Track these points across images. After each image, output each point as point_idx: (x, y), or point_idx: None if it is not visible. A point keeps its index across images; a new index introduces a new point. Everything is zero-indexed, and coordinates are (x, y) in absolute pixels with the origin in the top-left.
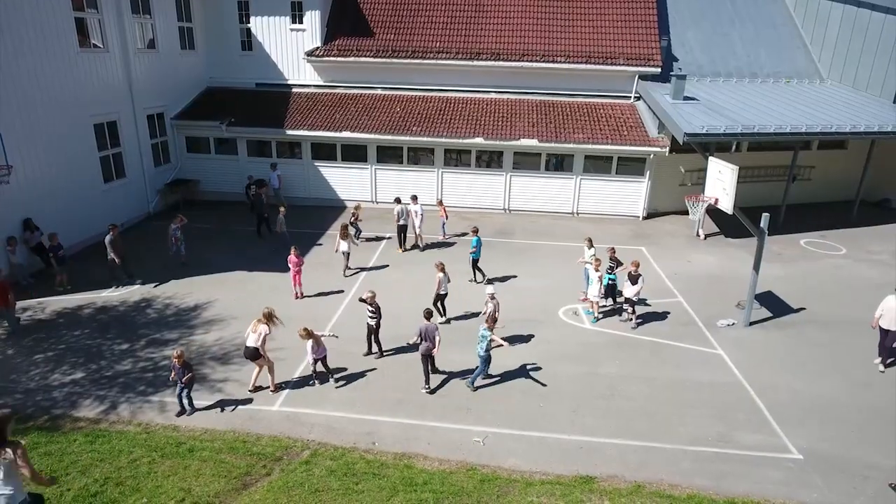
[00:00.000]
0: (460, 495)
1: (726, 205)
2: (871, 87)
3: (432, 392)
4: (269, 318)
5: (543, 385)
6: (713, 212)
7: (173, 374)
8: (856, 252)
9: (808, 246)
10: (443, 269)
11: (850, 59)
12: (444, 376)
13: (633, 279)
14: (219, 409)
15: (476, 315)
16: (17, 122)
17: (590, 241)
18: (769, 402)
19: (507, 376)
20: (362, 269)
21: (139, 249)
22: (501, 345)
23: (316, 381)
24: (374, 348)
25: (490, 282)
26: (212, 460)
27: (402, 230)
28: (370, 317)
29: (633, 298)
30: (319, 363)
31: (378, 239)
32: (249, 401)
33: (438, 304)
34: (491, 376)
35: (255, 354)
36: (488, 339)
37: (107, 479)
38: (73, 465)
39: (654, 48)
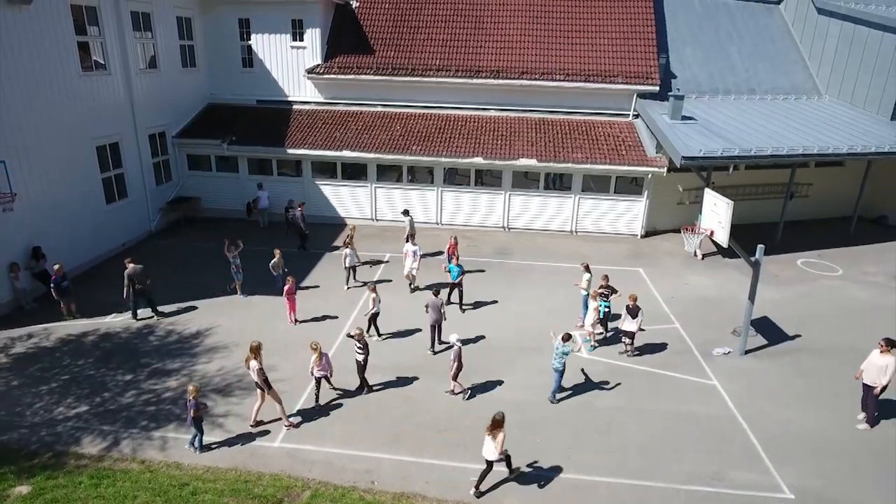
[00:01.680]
0: None
1: (721, 237)
2: (869, 103)
3: (435, 353)
4: (256, 351)
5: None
6: None
7: (191, 411)
8: (852, 273)
9: (805, 266)
10: (374, 290)
11: (848, 75)
12: (458, 404)
13: (633, 313)
14: (222, 446)
15: (476, 340)
16: (20, 150)
17: (586, 266)
18: (762, 436)
19: (505, 409)
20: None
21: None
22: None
23: (318, 403)
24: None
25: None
26: (216, 503)
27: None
28: (358, 351)
29: (634, 331)
30: (324, 381)
31: (377, 262)
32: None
33: (372, 323)
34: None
35: (259, 387)
36: (568, 352)
37: None
38: None
39: (652, 66)
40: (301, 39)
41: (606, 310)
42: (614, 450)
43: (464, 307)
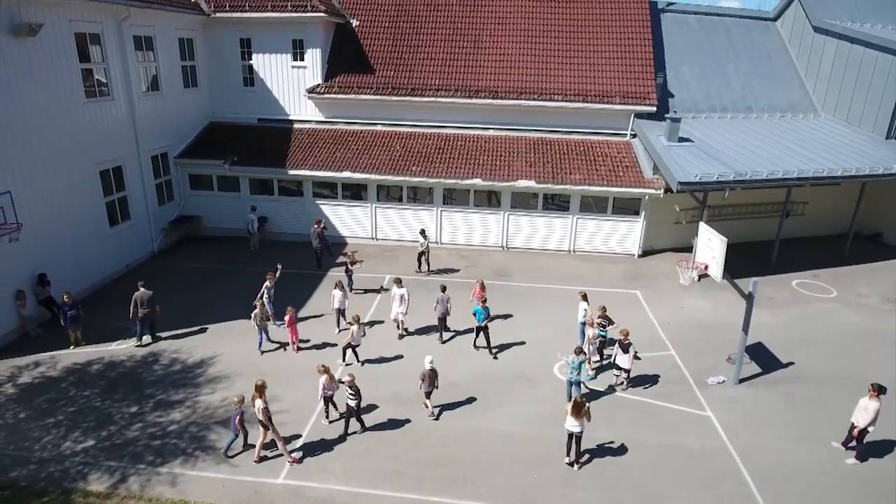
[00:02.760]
0: None
1: (715, 273)
2: (865, 122)
3: (443, 342)
4: (261, 390)
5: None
6: None
7: (236, 418)
8: (846, 294)
9: (800, 288)
10: (357, 322)
11: (844, 93)
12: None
13: (625, 348)
14: (221, 485)
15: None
16: (25, 178)
17: (584, 295)
18: (755, 471)
19: (503, 443)
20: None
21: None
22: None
23: (327, 419)
24: (356, 427)
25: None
26: None
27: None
28: (350, 398)
29: (627, 367)
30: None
31: (377, 290)
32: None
33: (350, 350)
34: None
35: (263, 425)
36: (582, 363)
37: None
38: None
39: (649, 87)
40: (302, 59)
41: (602, 339)
42: (609, 485)
43: (493, 352)
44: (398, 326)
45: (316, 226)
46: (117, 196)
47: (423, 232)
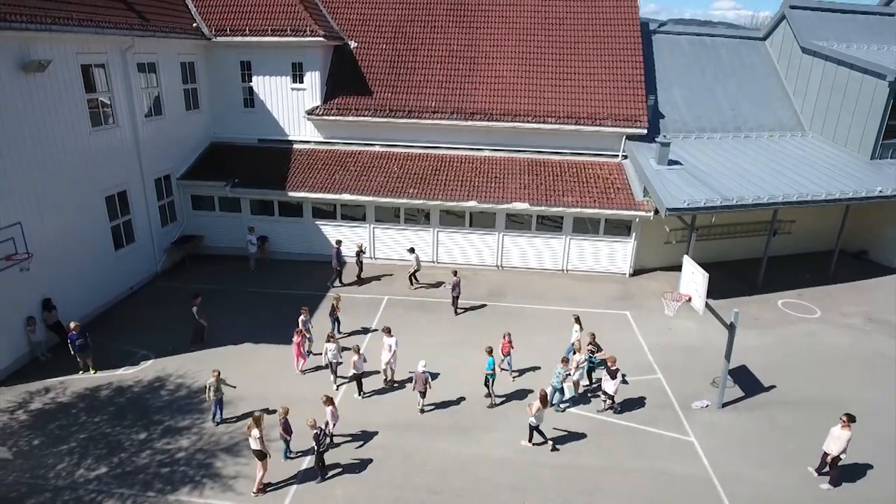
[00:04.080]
0: None
1: (698, 305)
2: (850, 142)
3: (457, 314)
4: (258, 422)
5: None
6: None
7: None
8: (829, 314)
9: (785, 308)
10: (358, 352)
11: (831, 113)
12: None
13: (612, 374)
14: None
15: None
16: (34, 208)
17: (577, 318)
18: (733, 495)
19: (496, 469)
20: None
21: (149, 315)
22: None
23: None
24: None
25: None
26: None
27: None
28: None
29: (612, 393)
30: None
31: (364, 331)
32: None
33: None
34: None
35: (260, 455)
36: (564, 372)
37: None
38: None
39: (640, 110)
40: (301, 81)
41: (591, 365)
42: None
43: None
44: (385, 375)
45: (337, 246)
46: (122, 220)
47: (412, 250)
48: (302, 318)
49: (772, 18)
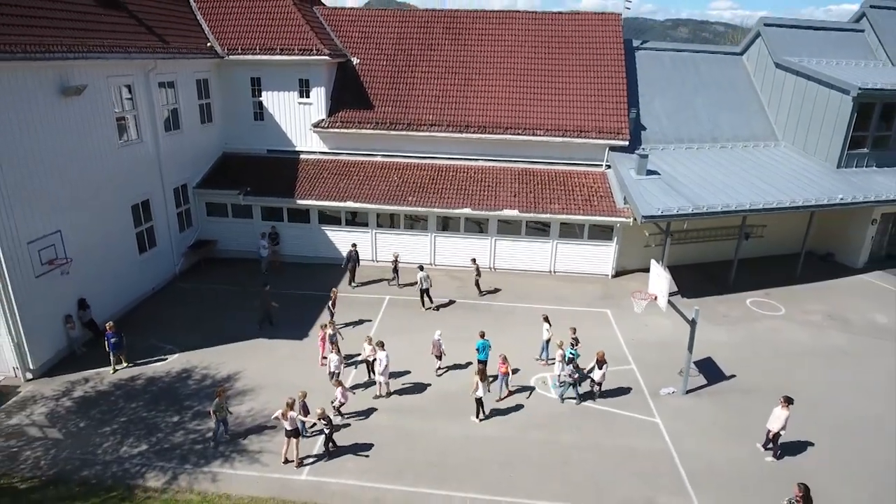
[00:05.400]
0: None
1: (661, 304)
2: (819, 152)
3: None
4: (291, 406)
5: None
6: (671, 270)
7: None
8: (793, 312)
9: (752, 306)
10: (369, 341)
11: (802, 125)
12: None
13: (600, 365)
14: (256, 476)
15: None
16: (71, 218)
17: (546, 317)
18: (689, 468)
19: (487, 447)
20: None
21: (170, 313)
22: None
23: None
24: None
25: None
26: None
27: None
28: (324, 428)
29: (598, 380)
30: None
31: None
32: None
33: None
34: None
35: (293, 433)
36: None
37: None
38: None
39: (622, 123)
40: (307, 96)
41: (572, 357)
42: (570, 479)
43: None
44: (379, 389)
45: (352, 248)
46: (145, 226)
47: (421, 267)
48: (329, 331)
49: (749, 35)
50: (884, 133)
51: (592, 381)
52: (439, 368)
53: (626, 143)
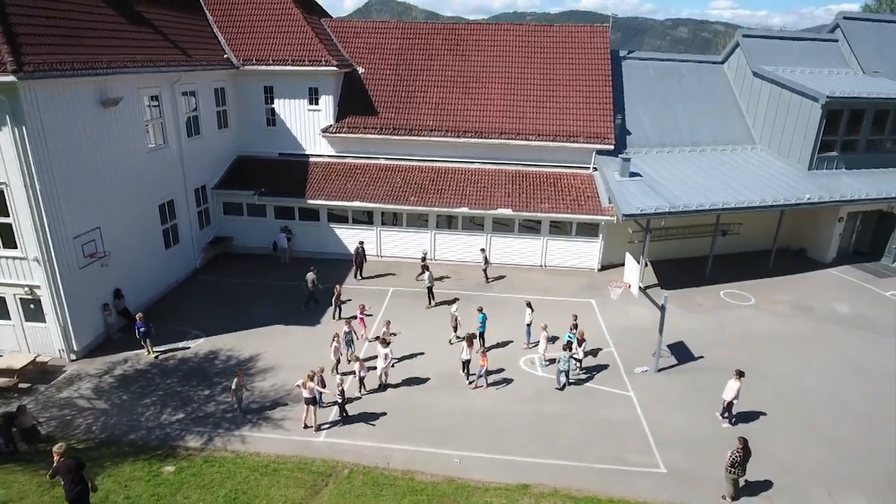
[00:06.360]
0: (443, 498)
1: (634, 291)
2: (792, 155)
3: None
4: (312, 378)
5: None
6: (654, 264)
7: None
8: (762, 302)
9: (726, 297)
10: (387, 325)
11: (777, 129)
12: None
13: (580, 343)
14: (280, 437)
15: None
16: (108, 216)
17: (528, 303)
18: (656, 433)
19: (482, 416)
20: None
21: (192, 303)
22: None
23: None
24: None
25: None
26: (291, 477)
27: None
28: (337, 396)
29: (580, 357)
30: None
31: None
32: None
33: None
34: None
35: (312, 401)
36: (568, 357)
37: (237, 490)
38: (214, 481)
39: (608, 128)
40: (316, 104)
41: (570, 340)
42: (552, 443)
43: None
44: (380, 380)
45: (359, 245)
46: (170, 224)
47: (424, 263)
48: (346, 328)
49: (729, 45)
50: (853, 137)
51: (575, 359)
52: (456, 338)
53: (612, 147)
